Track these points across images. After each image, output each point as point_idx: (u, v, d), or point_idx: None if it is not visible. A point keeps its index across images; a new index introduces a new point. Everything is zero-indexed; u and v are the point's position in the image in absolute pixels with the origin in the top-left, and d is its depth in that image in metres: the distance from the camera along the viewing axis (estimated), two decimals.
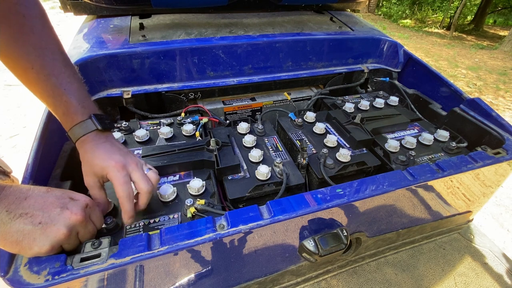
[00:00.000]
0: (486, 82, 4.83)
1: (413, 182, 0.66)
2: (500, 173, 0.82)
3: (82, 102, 0.57)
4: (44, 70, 0.55)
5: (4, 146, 2.51)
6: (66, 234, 0.47)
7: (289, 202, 0.58)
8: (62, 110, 0.57)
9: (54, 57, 0.56)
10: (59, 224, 0.46)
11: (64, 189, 0.52)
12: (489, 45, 8.06)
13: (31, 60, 0.54)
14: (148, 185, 0.58)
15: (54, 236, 0.46)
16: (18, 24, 0.54)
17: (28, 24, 0.55)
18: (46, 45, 0.56)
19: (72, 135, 0.57)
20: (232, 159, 0.80)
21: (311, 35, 1.20)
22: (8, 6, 0.53)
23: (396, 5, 12.45)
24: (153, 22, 1.26)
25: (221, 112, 1.16)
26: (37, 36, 0.55)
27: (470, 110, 0.98)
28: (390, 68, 1.32)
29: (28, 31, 0.54)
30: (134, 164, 0.58)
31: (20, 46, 0.54)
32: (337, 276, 0.88)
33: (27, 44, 0.54)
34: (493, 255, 0.98)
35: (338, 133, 0.99)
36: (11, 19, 0.53)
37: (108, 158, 0.56)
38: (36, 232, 0.44)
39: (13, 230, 0.43)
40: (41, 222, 0.45)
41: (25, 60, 0.54)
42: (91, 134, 0.56)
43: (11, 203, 0.44)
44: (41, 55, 0.55)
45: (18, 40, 0.54)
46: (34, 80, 0.56)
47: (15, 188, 0.45)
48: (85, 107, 0.57)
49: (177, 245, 0.49)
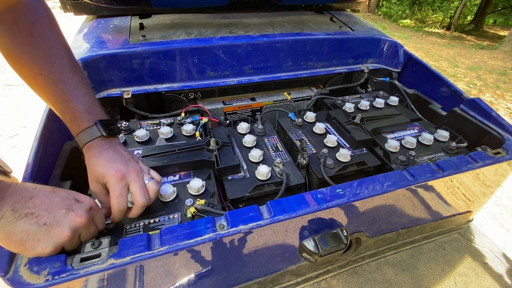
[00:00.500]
0: (486, 82, 4.83)
1: (413, 182, 0.66)
2: (500, 173, 0.82)
3: (89, 108, 0.58)
4: (52, 76, 0.56)
5: (4, 146, 2.51)
6: (70, 236, 0.47)
7: (289, 202, 0.58)
8: (69, 116, 0.58)
9: (62, 63, 0.57)
10: (64, 226, 0.46)
11: (69, 190, 0.53)
12: (489, 45, 8.06)
13: (40, 66, 0.55)
14: (143, 199, 0.57)
15: (58, 238, 0.46)
16: (28, 32, 0.55)
17: (37, 31, 0.55)
18: (54, 51, 0.57)
19: (79, 141, 0.58)
20: (232, 159, 0.80)
21: (311, 35, 1.20)
22: (18, 13, 0.54)
23: (396, 5, 12.45)
24: (153, 22, 1.26)
25: (221, 112, 1.16)
26: (46, 43, 0.56)
27: (470, 110, 0.98)
28: (390, 68, 1.32)
29: (37, 38, 0.55)
30: (135, 173, 0.58)
31: (29, 53, 0.55)
32: (337, 276, 0.88)
33: (36, 51, 0.55)
34: (493, 255, 0.98)
35: (338, 133, 0.99)
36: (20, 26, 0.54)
37: (109, 166, 0.56)
38: (40, 233, 0.44)
39: (18, 229, 0.42)
40: (46, 223, 0.45)
41: (34, 66, 0.55)
42: (96, 140, 0.57)
43: (17, 201, 0.43)
44: (49, 62, 0.56)
45: (27, 47, 0.55)
46: (43, 86, 0.57)
47: (21, 187, 0.45)
48: (91, 113, 0.58)
49: (177, 245, 0.49)
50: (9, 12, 0.53)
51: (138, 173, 0.59)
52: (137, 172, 0.59)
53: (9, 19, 0.53)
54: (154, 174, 0.64)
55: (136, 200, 0.57)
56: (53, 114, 0.80)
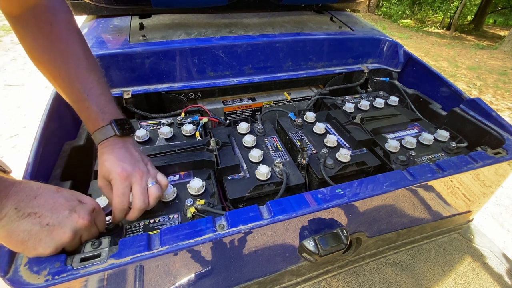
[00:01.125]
0: (486, 82, 4.83)
1: (413, 182, 0.66)
2: (500, 173, 0.82)
3: (104, 107, 0.59)
4: (69, 77, 0.57)
5: (4, 146, 2.51)
6: (71, 238, 0.47)
7: (289, 202, 0.58)
8: (85, 116, 0.59)
9: (78, 63, 0.58)
10: (66, 228, 0.46)
11: (72, 190, 0.53)
12: (489, 45, 8.06)
13: (58, 67, 0.57)
14: (141, 203, 0.57)
15: (59, 239, 0.46)
16: (46, 32, 0.56)
17: (55, 32, 0.56)
18: (72, 51, 0.58)
19: (94, 139, 0.60)
20: (232, 159, 0.80)
21: (311, 35, 1.20)
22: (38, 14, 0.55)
23: (396, 5, 12.44)
24: (153, 22, 1.26)
25: (221, 112, 1.16)
26: (64, 43, 0.57)
27: (470, 110, 0.98)
28: (390, 68, 1.32)
29: (55, 38, 0.56)
30: (139, 175, 0.58)
31: (49, 54, 0.57)
32: (337, 276, 0.88)
33: (54, 52, 0.56)
34: (493, 255, 0.98)
35: (338, 133, 0.99)
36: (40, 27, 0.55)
37: (116, 164, 0.57)
38: (42, 233, 0.44)
39: (20, 229, 0.42)
40: (48, 224, 0.45)
41: (53, 67, 0.57)
42: (110, 139, 0.58)
43: (21, 200, 0.43)
44: (67, 62, 0.57)
45: (46, 47, 0.56)
46: (61, 86, 0.59)
47: (25, 185, 0.45)
48: (106, 112, 0.59)
49: (177, 245, 0.49)
50: (30, 12, 0.54)
51: (143, 175, 0.59)
52: (142, 174, 0.59)
53: (30, 19, 0.55)
54: (161, 178, 0.63)
55: (134, 203, 0.57)
56: (53, 114, 0.80)
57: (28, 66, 4.08)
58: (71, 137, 0.88)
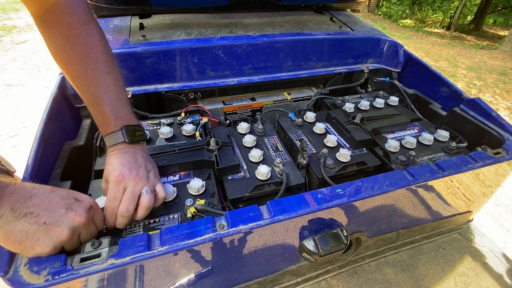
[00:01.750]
0: (486, 82, 4.83)
1: (413, 182, 0.66)
2: (500, 173, 0.82)
3: (117, 113, 0.60)
4: (86, 80, 0.58)
5: (4, 146, 2.51)
6: (69, 236, 0.47)
7: (289, 202, 0.58)
8: (98, 119, 0.60)
9: (96, 66, 0.58)
10: (63, 225, 0.46)
11: (69, 189, 0.53)
12: (489, 45, 8.06)
13: (77, 69, 0.58)
14: (123, 209, 0.54)
15: (57, 237, 0.45)
16: (65, 34, 0.56)
17: (73, 33, 0.56)
18: (90, 53, 0.58)
19: (106, 143, 0.61)
20: (232, 159, 0.80)
21: (311, 35, 1.20)
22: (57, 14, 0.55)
23: (396, 5, 12.44)
24: (153, 22, 1.26)
25: (221, 112, 1.16)
26: (82, 45, 0.57)
27: (470, 110, 0.98)
28: (390, 68, 1.32)
29: (73, 40, 0.56)
30: (135, 181, 0.57)
31: (67, 55, 0.57)
32: (337, 276, 0.88)
33: (73, 54, 0.57)
34: (493, 255, 0.98)
35: (338, 133, 0.99)
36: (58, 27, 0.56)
37: (117, 168, 0.57)
38: (40, 232, 0.44)
39: (17, 229, 0.42)
40: (45, 223, 0.45)
41: (72, 69, 0.58)
42: (119, 144, 0.59)
43: (16, 201, 0.43)
44: (84, 65, 0.57)
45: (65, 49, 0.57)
46: (79, 88, 0.59)
47: (20, 186, 0.45)
48: (119, 118, 0.60)
49: (177, 245, 0.49)
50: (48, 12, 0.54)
51: (138, 181, 0.57)
52: (139, 179, 0.58)
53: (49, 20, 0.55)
54: (160, 189, 0.61)
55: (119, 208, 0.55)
56: (53, 114, 0.80)
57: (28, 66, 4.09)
58: (71, 137, 0.88)
